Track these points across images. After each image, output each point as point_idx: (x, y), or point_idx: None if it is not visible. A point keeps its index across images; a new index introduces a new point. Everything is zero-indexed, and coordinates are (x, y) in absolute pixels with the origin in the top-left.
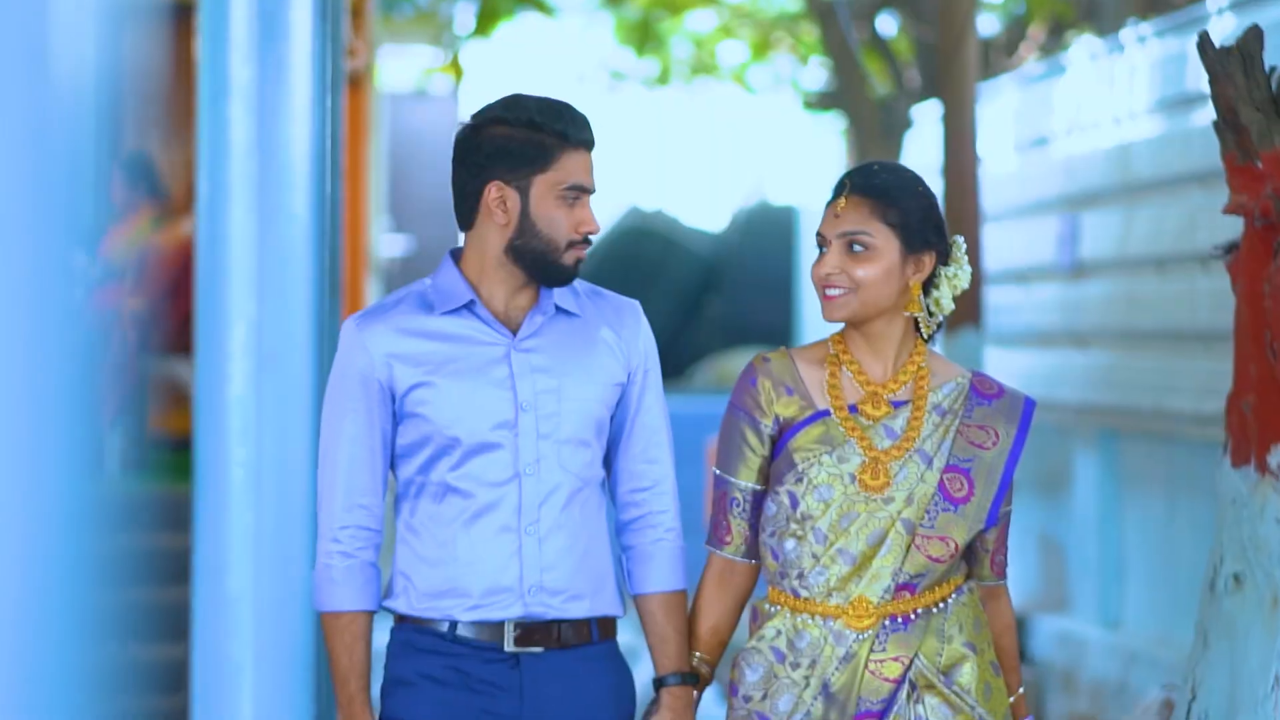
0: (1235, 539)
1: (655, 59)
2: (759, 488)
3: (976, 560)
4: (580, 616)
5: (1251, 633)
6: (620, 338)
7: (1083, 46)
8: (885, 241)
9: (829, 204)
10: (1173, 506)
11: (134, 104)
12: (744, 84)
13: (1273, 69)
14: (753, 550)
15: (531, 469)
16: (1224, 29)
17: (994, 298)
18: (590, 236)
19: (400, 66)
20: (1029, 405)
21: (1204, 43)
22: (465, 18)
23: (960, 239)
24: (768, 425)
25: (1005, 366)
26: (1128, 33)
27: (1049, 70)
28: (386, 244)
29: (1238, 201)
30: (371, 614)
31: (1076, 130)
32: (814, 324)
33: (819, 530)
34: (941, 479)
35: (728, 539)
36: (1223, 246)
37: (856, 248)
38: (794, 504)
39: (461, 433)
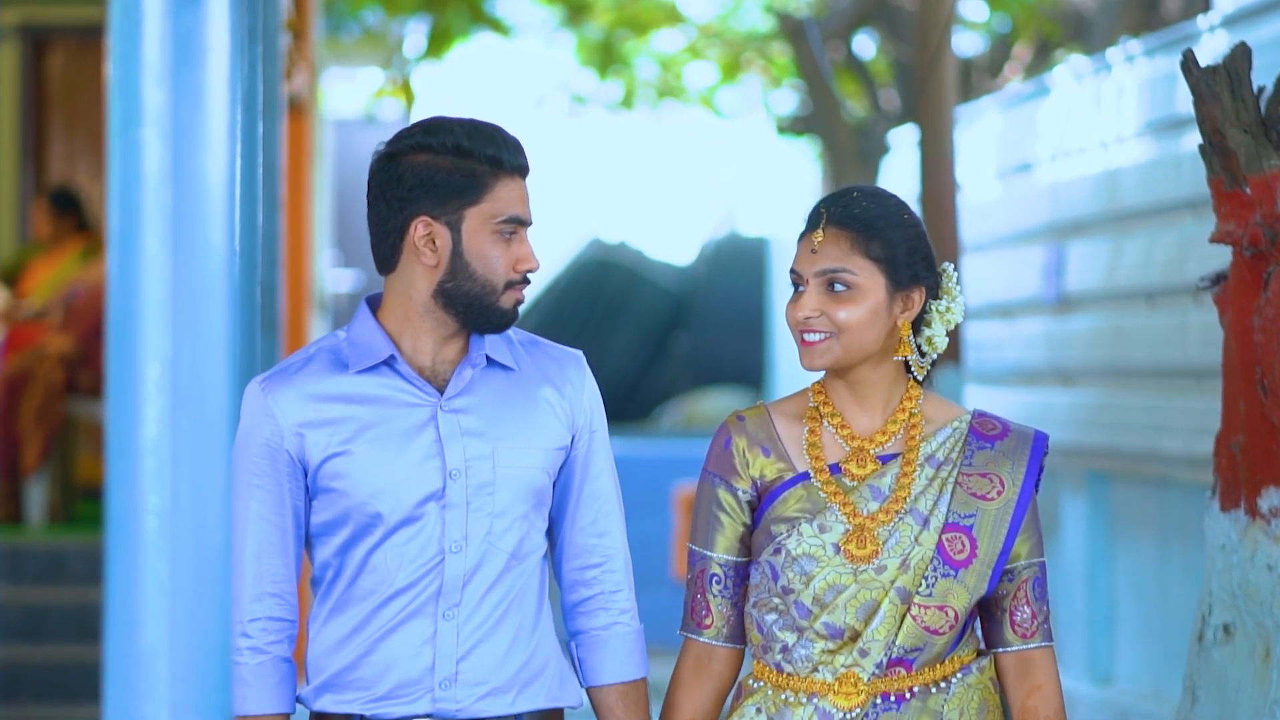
0: (1225, 587)
1: (619, 81)
2: (740, 560)
3: (995, 624)
4: (501, 714)
5: (1242, 685)
6: (563, 395)
7: (1068, 67)
8: (869, 278)
9: (803, 237)
10: (1166, 554)
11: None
12: (713, 107)
13: (1261, 89)
14: (735, 633)
15: (459, 545)
16: (1216, 47)
17: (975, 333)
18: (529, 275)
19: (347, 91)
20: (1039, 441)
21: (1188, 62)
22: (417, 39)
23: (950, 266)
24: (745, 490)
25: (987, 406)
26: (1115, 52)
27: (1032, 92)
28: (332, 279)
29: (1225, 229)
30: (288, 716)
31: (1061, 155)
32: (789, 363)
33: (801, 605)
34: (941, 540)
35: (707, 621)
36: (1209, 277)
37: (837, 287)
38: (774, 576)
39: (384, 508)
